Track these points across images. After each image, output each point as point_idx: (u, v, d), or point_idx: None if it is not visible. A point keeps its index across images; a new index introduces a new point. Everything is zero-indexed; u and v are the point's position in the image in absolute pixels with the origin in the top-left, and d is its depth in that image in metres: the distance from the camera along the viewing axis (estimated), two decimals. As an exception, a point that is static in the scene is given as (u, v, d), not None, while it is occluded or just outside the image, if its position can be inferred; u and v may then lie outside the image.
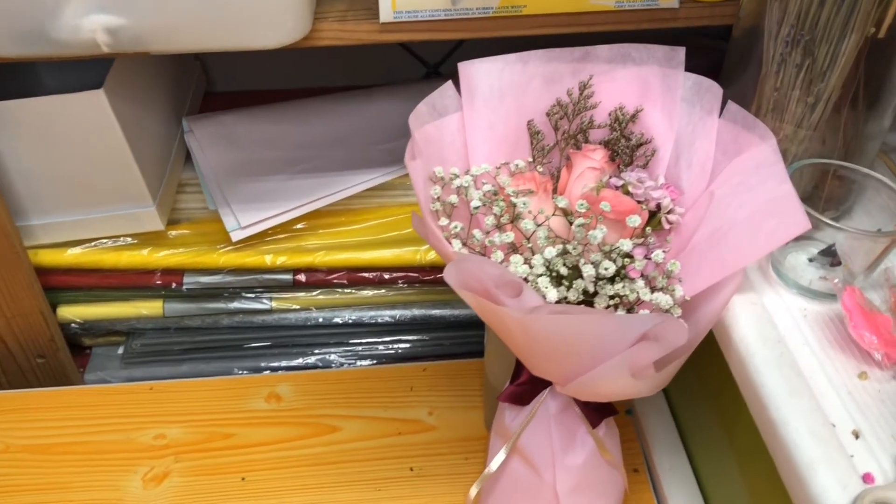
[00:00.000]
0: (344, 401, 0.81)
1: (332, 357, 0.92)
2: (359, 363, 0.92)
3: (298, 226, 0.89)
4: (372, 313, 0.92)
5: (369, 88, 1.01)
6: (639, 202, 0.57)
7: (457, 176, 0.59)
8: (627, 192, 0.58)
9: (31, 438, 0.78)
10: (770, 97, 0.60)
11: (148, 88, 0.86)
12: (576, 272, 0.54)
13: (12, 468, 0.75)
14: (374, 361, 0.93)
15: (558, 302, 0.53)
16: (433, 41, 0.70)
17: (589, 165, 0.59)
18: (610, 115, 0.62)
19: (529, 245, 0.56)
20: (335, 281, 0.89)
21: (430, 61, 1.08)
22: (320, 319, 0.92)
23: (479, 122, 0.61)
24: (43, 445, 0.77)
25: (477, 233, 0.56)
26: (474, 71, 0.60)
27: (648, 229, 0.54)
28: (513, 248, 0.57)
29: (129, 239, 0.87)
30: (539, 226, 0.56)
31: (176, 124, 0.93)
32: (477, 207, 0.57)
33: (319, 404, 0.81)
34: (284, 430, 0.78)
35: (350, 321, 0.92)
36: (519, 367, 0.62)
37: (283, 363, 0.92)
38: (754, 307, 0.56)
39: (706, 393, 0.72)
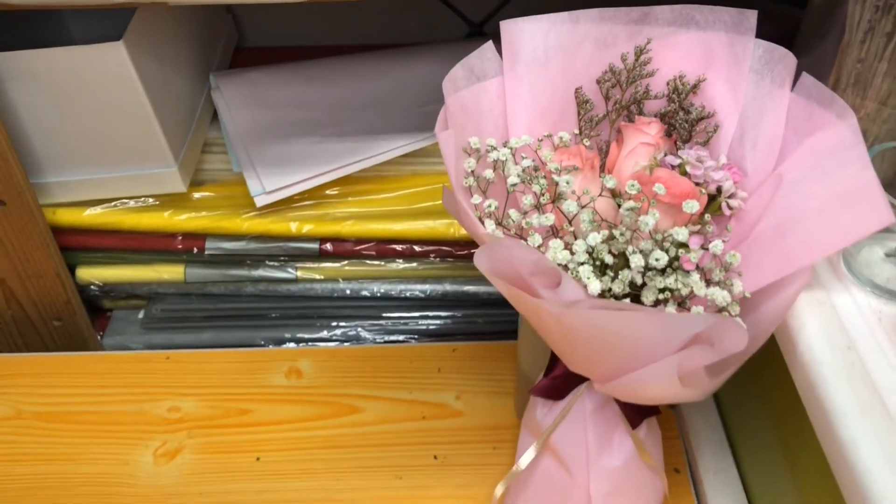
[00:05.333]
0: (366, 380, 0.77)
1: (359, 331, 0.88)
2: (386, 339, 0.88)
3: (327, 192, 0.84)
4: (401, 287, 0.87)
5: (407, 47, 0.95)
6: (697, 184, 0.51)
7: (494, 148, 0.53)
8: (684, 173, 0.52)
9: (43, 405, 0.75)
10: (852, 70, 0.53)
11: (172, 41, 0.81)
12: (622, 261, 0.49)
13: (22, 435, 0.72)
14: (403, 337, 0.88)
15: (601, 295, 0.48)
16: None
17: (642, 140, 0.53)
18: (668, 84, 0.55)
19: (571, 229, 0.50)
20: (363, 252, 0.84)
21: (474, 19, 1.01)
22: (347, 291, 0.87)
23: (520, 89, 0.55)
24: (54, 413, 0.74)
25: (513, 213, 0.51)
26: (518, 30, 0.54)
27: (707, 216, 0.48)
28: (552, 232, 0.51)
29: (150, 200, 0.83)
30: (583, 207, 0.50)
31: (202, 81, 0.89)
32: (514, 184, 0.51)
33: (341, 383, 0.76)
34: (303, 409, 0.74)
35: (378, 294, 0.87)
36: (554, 360, 0.57)
37: (308, 335, 0.88)
38: (822, 307, 0.50)
39: (760, 395, 0.65)
